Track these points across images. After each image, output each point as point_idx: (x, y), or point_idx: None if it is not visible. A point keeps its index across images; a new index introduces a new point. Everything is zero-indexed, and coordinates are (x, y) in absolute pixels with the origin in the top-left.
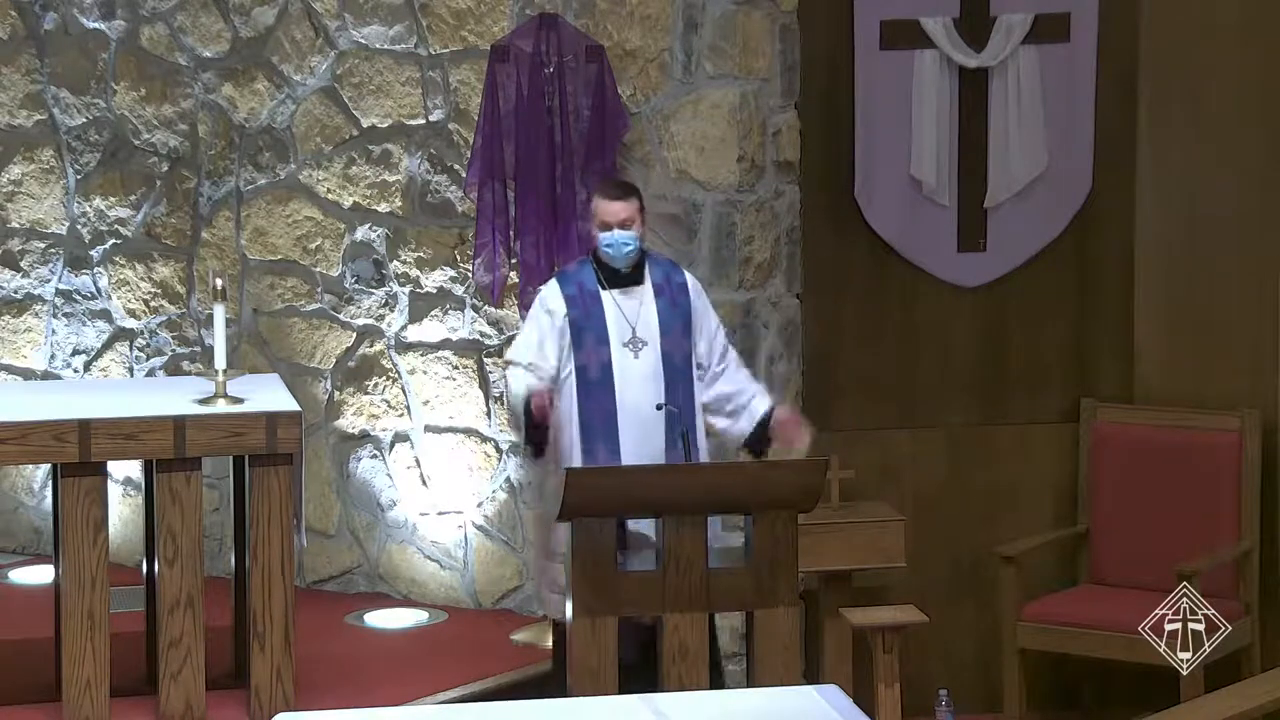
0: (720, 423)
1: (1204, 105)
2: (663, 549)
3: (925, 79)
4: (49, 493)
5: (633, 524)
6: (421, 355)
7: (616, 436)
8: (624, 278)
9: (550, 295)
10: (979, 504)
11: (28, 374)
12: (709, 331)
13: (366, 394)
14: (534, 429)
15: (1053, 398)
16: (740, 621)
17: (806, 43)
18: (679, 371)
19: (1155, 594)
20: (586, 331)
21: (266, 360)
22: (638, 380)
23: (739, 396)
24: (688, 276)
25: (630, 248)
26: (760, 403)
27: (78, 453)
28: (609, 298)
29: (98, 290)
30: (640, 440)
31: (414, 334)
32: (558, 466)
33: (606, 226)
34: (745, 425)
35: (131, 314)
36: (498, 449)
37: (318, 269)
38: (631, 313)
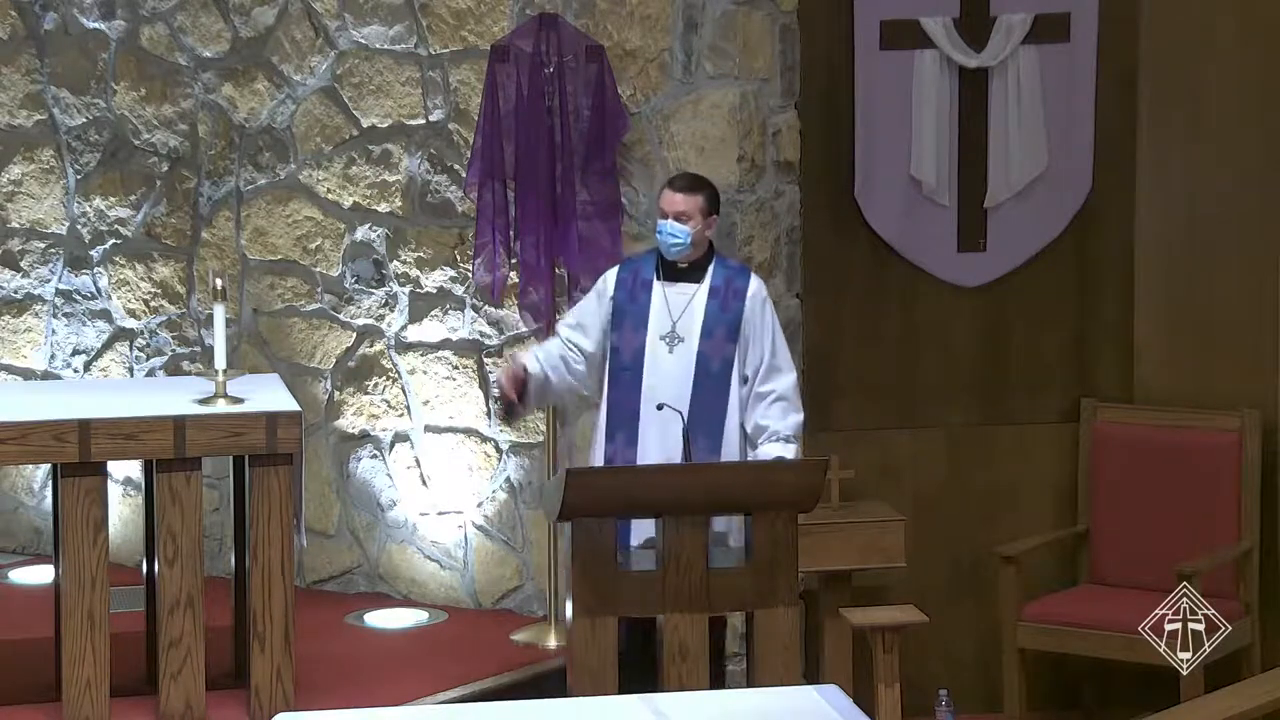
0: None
1: (1204, 105)
2: (663, 549)
3: (925, 79)
4: (49, 493)
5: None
6: (421, 355)
7: (637, 426)
8: (682, 273)
9: (607, 276)
10: (979, 504)
11: (28, 374)
12: (761, 344)
13: (366, 394)
14: (503, 401)
15: (1053, 398)
16: (740, 621)
17: (806, 43)
18: (714, 375)
19: (1155, 594)
20: (627, 316)
21: (266, 360)
22: (667, 375)
23: (765, 434)
24: (753, 285)
25: (679, 241)
26: (768, 449)
27: (78, 453)
28: (659, 288)
29: (98, 290)
30: (661, 433)
31: (414, 334)
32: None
33: (663, 215)
34: None
35: (131, 314)
36: (498, 449)
37: (318, 269)
38: (677, 307)
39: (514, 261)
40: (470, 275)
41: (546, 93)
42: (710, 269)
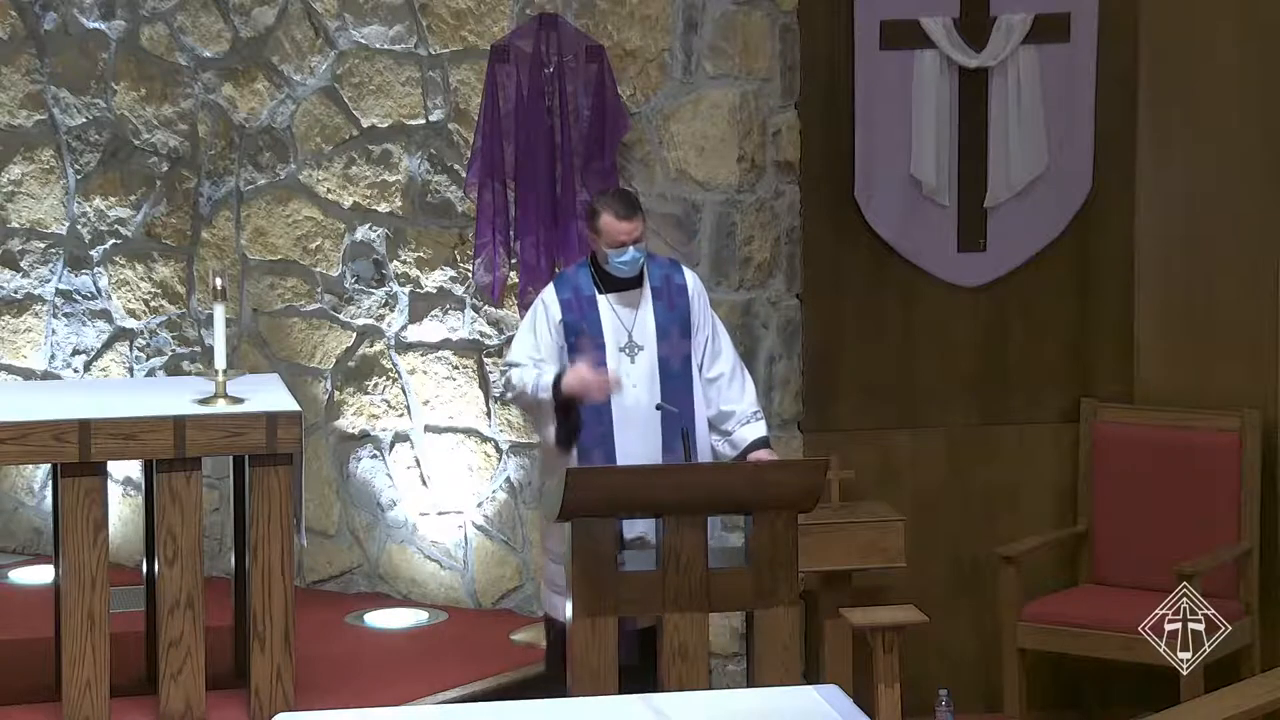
0: (715, 440)
1: (1204, 105)
2: (662, 549)
3: (925, 79)
4: (49, 493)
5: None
6: (421, 355)
7: (612, 441)
8: (622, 281)
9: (546, 299)
10: (979, 504)
11: (28, 374)
12: (704, 332)
13: (366, 394)
14: (565, 412)
15: (1053, 398)
16: (740, 621)
17: (806, 43)
18: (676, 375)
19: (1155, 594)
20: (581, 336)
21: (266, 360)
22: (634, 385)
23: (732, 420)
24: (688, 277)
25: (641, 259)
26: (747, 432)
27: (78, 453)
28: (605, 302)
29: (98, 290)
30: (637, 443)
31: (414, 334)
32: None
33: (620, 245)
34: (730, 453)
35: (131, 314)
36: (498, 449)
37: (318, 269)
38: (628, 317)
39: (514, 261)
40: (470, 275)
41: (546, 93)
42: (645, 271)
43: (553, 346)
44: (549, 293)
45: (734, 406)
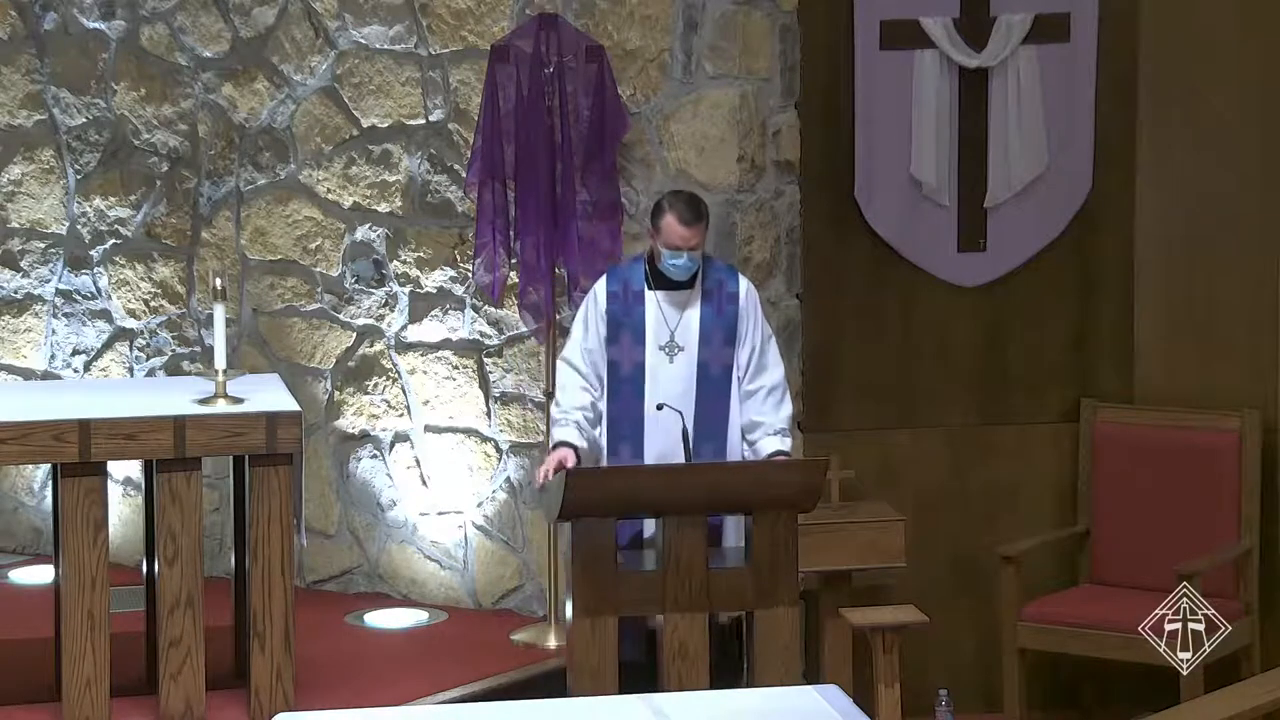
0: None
1: (1204, 106)
2: (662, 549)
3: (925, 79)
4: (49, 493)
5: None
6: (421, 355)
7: (641, 438)
8: (674, 280)
9: (596, 290)
10: (979, 504)
11: (28, 374)
12: (751, 343)
13: (366, 394)
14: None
15: (1053, 398)
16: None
17: (806, 43)
18: (714, 381)
19: (1155, 594)
20: (623, 328)
21: (266, 360)
22: (669, 385)
23: (759, 430)
24: (742, 285)
25: (694, 268)
26: (766, 444)
27: (78, 453)
28: (652, 298)
29: (98, 290)
30: (666, 443)
31: (414, 334)
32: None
33: (676, 249)
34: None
35: (131, 314)
36: (498, 449)
37: (318, 269)
38: (673, 317)
39: (514, 262)
40: (470, 275)
41: (546, 93)
42: (700, 274)
43: (598, 339)
44: (600, 283)
45: (764, 419)
